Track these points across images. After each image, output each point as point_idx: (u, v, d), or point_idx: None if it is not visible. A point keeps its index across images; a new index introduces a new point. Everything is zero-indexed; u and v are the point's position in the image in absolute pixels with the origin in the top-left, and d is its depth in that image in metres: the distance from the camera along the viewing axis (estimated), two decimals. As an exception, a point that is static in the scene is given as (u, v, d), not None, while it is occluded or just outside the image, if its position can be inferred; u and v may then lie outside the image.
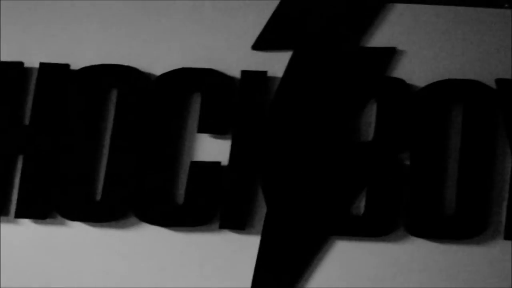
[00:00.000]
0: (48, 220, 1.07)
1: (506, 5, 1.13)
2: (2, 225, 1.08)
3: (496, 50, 1.12)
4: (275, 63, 1.12)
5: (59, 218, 1.07)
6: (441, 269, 1.07)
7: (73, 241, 1.07)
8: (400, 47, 1.13)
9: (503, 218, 1.07)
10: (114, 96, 1.10)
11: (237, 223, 1.06)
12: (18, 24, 1.15)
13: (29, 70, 1.12)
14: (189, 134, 1.10)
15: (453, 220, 1.07)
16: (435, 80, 1.11)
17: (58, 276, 1.06)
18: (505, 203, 1.07)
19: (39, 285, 1.05)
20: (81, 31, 1.15)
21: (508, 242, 1.06)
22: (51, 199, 1.06)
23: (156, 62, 1.11)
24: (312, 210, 1.06)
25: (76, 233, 1.07)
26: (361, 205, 1.08)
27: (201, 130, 1.08)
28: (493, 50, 1.13)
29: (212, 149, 1.10)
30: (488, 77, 1.11)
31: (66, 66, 1.11)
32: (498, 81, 1.09)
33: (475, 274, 1.06)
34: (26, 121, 1.10)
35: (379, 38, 1.14)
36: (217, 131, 1.09)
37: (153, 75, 1.11)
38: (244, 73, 1.10)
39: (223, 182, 1.07)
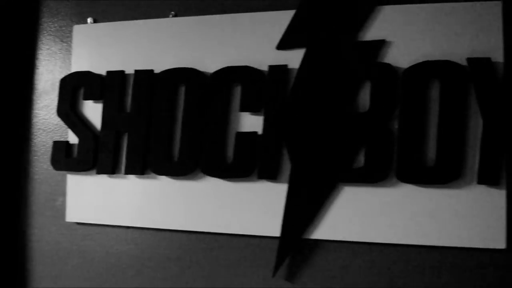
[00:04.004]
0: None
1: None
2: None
3: (467, 34, 1.33)
4: (294, 58, 1.43)
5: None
6: (424, 208, 1.33)
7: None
8: (388, 39, 1.38)
9: (476, 167, 1.31)
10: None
11: (270, 174, 1.42)
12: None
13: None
14: (234, 112, 1.48)
15: (434, 169, 1.32)
16: (416, 62, 1.35)
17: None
18: (477, 156, 1.31)
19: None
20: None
21: (481, 186, 1.30)
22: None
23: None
24: (325, 165, 1.39)
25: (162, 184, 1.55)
26: (361, 160, 1.38)
27: (242, 109, 1.45)
28: (464, 35, 1.33)
29: (251, 123, 1.45)
30: (461, 57, 1.32)
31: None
32: (469, 59, 1.31)
33: (452, 212, 1.31)
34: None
35: (372, 33, 1.39)
36: (253, 110, 1.44)
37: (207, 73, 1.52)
38: (270, 67, 1.43)
39: (259, 146, 1.43)
